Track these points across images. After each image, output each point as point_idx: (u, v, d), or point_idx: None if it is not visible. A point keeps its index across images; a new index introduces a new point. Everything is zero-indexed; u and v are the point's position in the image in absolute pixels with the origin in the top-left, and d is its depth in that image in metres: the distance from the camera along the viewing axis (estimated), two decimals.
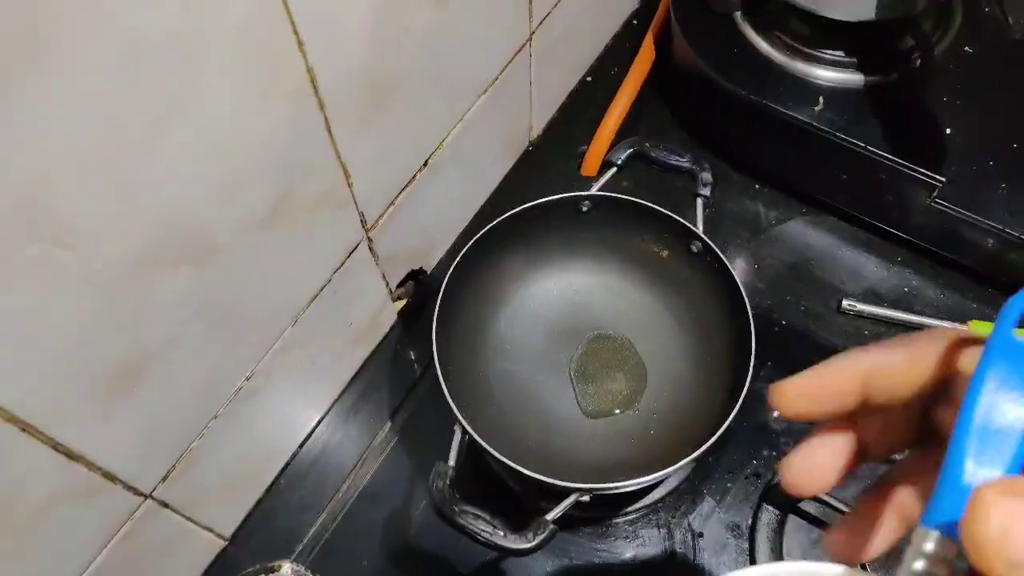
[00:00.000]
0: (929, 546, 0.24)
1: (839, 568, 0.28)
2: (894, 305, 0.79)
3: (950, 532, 0.24)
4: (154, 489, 0.58)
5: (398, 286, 0.80)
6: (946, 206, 0.74)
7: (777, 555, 0.67)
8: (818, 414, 0.30)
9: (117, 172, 0.42)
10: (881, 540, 0.30)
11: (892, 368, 0.29)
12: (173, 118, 0.43)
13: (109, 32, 0.38)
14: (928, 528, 0.24)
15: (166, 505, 0.61)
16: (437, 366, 0.64)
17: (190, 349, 0.54)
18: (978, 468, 0.24)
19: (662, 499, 0.71)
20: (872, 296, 0.81)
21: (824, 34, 0.80)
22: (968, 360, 0.27)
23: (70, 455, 0.49)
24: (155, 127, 0.43)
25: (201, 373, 0.57)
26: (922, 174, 0.74)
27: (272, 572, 0.52)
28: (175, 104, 0.43)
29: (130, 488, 0.56)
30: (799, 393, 0.30)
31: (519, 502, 0.71)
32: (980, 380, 0.25)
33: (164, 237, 0.47)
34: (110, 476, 0.53)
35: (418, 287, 0.82)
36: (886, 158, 0.74)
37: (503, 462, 0.60)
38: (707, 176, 0.74)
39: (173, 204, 0.47)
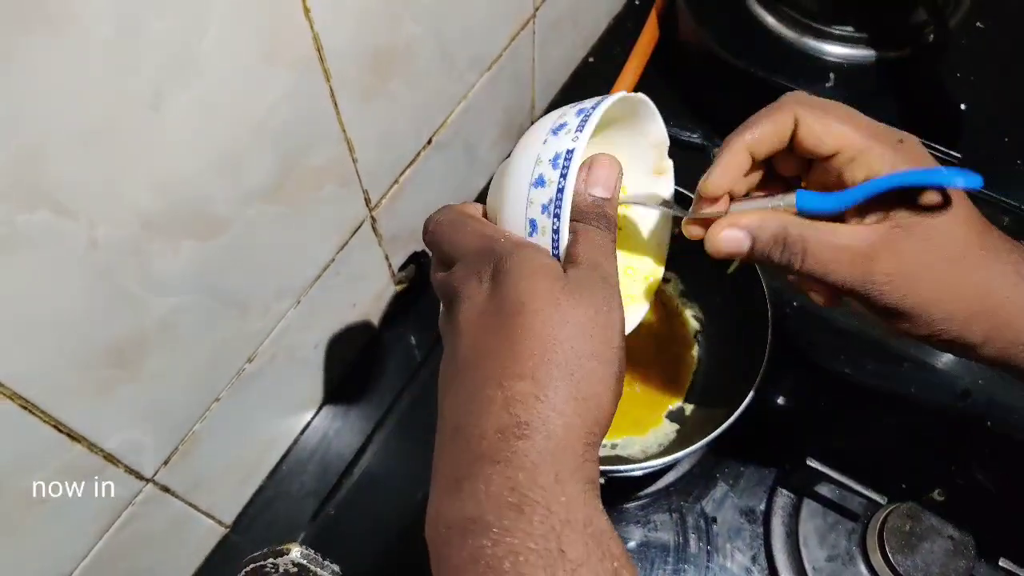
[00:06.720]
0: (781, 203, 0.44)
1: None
2: None
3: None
4: (156, 473, 0.57)
5: (400, 269, 0.78)
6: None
7: (793, 540, 0.66)
8: (730, 186, 0.45)
9: (117, 138, 0.40)
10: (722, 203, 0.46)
11: (763, 135, 0.43)
12: (174, 83, 0.42)
13: None
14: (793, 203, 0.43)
15: (167, 490, 0.59)
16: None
17: (192, 327, 0.53)
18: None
19: (674, 483, 0.70)
20: None
21: (834, 8, 0.79)
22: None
23: (72, 435, 0.47)
24: (156, 91, 0.41)
25: (203, 353, 0.56)
26: (936, 151, 0.72)
27: (281, 555, 0.50)
28: (176, 68, 0.41)
29: (132, 472, 0.54)
30: (719, 184, 0.44)
31: None
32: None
33: (166, 207, 0.45)
34: (111, 458, 0.52)
35: (419, 270, 0.81)
36: None
37: None
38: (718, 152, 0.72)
39: (175, 172, 0.45)
